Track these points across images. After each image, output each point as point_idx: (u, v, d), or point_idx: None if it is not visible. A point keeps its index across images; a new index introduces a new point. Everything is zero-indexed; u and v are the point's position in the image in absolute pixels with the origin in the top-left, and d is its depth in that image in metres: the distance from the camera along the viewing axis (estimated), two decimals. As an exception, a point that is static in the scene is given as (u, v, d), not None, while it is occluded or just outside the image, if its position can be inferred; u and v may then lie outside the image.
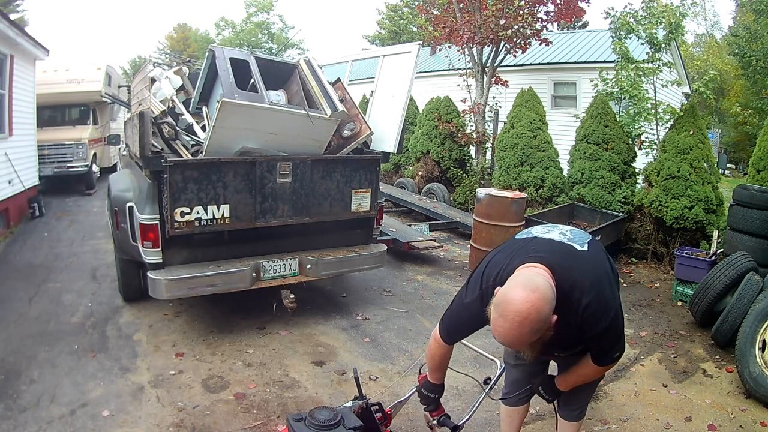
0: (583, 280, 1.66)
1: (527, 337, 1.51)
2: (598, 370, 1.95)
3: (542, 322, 1.50)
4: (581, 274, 1.68)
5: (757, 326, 3.45)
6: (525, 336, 1.51)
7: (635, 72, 7.35)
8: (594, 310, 1.66)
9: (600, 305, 1.67)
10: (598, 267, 1.76)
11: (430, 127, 9.73)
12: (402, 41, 25.83)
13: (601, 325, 1.69)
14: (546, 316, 1.51)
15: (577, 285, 1.65)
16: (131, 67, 32.80)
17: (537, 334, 1.53)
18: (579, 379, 2.03)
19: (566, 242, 1.78)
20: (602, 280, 1.73)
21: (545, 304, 1.50)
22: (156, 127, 3.90)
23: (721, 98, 21.83)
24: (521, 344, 1.57)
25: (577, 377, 2.02)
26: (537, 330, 1.51)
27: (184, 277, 3.58)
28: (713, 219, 5.86)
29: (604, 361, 1.88)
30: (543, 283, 1.55)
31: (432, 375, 2.18)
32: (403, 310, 4.68)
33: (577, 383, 2.05)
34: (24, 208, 7.78)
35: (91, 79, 9.98)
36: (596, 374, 2.01)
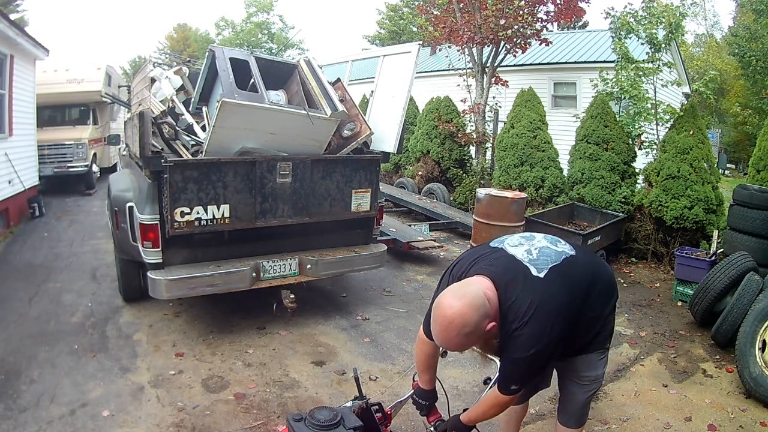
0: (520, 306, 1.68)
1: (456, 340, 1.62)
2: (497, 399, 1.85)
3: (469, 327, 1.59)
4: (521, 299, 1.69)
5: (757, 326, 3.45)
6: (453, 339, 1.62)
7: (635, 72, 7.35)
8: (519, 335, 1.68)
9: (528, 335, 1.67)
10: (546, 297, 1.70)
11: (430, 127, 9.73)
12: (402, 41, 25.83)
13: (516, 354, 1.70)
14: (473, 323, 1.60)
15: (512, 308, 1.69)
16: (131, 67, 32.79)
17: (469, 338, 1.63)
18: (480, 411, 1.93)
19: (525, 263, 1.78)
20: (546, 314, 1.67)
21: (471, 311, 1.59)
22: (156, 127, 3.90)
23: (721, 98, 21.82)
24: (452, 346, 1.67)
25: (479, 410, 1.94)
26: (466, 334, 1.60)
27: (184, 277, 3.58)
28: (713, 219, 5.86)
29: (501, 385, 1.82)
30: (473, 293, 1.64)
31: (422, 378, 2.19)
32: (403, 310, 4.68)
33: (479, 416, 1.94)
34: (24, 208, 7.78)
35: (91, 79, 9.98)
36: (496, 404, 1.88)
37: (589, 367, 2.06)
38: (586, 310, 1.86)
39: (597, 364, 2.06)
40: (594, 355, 2.04)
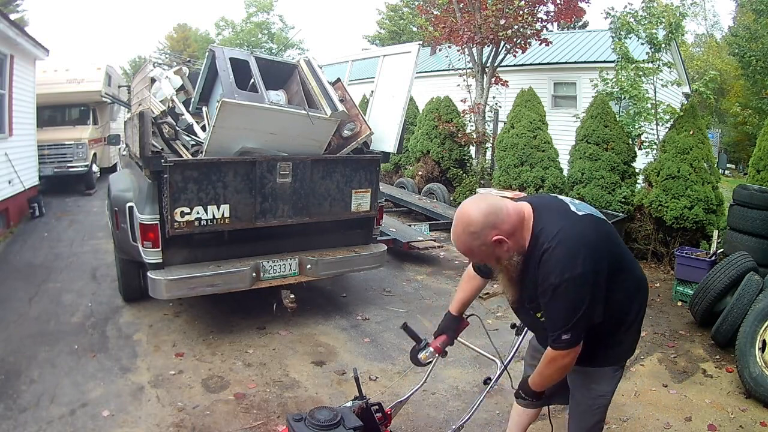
0: (552, 228, 1.69)
1: (462, 238, 1.69)
2: (550, 356, 1.78)
3: (473, 228, 1.65)
4: (555, 223, 1.70)
5: (757, 326, 3.45)
6: (459, 235, 1.70)
7: (635, 72, 7.35)
8: (549, 257, 1.65)
9: (558, 257, 1.64)
10: (579, 230, 1.71)
11: (430, 127, 9.73)
12: (402, 41, 25.82)
13: (550, 279, 1.65)
14: (478, 224, 1.65)
15: (546, 230, 1.70)
16: (131, 67, 32.79)
17: (474, 240, 1.67)
18: (539, 374, 1.88)
19: (566, 202, 1.83)
20: (575, 241, 1.66)
21: (478, 214, 1.66)
22: (156, 127, 3.90)
23: (721, 98, 21.82)
24: (459, 244, 1.72)
25: (538, 372, 1.89)
26: (470, 233, 1.66)
27: (184, 277, 3.58)
28: (713, 219, 5.86)
29: (551, 337, 1.74)
30: (492, 202, 1.70)
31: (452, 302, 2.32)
32: (403, 310, 4.68)
33: (541, 380, 1.89)
34: (24, 208, 7.78)
35: (91, 79, 9.98)
36: (551, 362, 1.79)
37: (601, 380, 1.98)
38: (615, 285, 1.76)
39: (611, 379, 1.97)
40: (609, 369, 1.95)
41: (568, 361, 1.76)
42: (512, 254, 1.72)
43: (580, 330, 1.70)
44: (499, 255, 1.72)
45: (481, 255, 1.74)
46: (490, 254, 1.72)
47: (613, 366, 1.97)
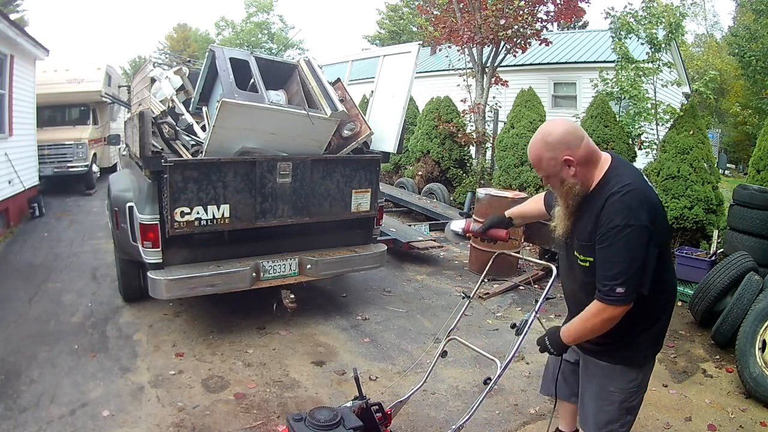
0: (625, 179, 1.76)
1: (538, 144, 1.81)
2: (597, 309, 1.75)
3: (551, 137, 1.78)
4: (629, 176, 1.78)
5: (757, 326, 3.45)
6: (537, 143, 1.82)
7: (635, 72, 7.36)
8: (617, 201, 1.71)
9: (626, 203, 1.69)
10: (650, 193, 1.78)
11: (430, 127, 9.73)
12: (402, 41, 25.83)
13: (615, 221, 1.69)
14: (555, 137, 1.78)
15: (619, 177, 1.77)
16: (131, 67, 32.80)
17: (547, 151, 1.79)
18: (580, 325, 1.83)
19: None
20: (645, 197, 1.72)
21: (559, 129, 1.79)
22: (156, 127, 3.90)
23: (721, 98, 21.82)
24: (533, 150, 1.84)
25: (578, 323, 1.84)
26: (546, 143, 1.79)
27: (184, 277, 3.58)
28: (713, 219, 5.86)
29: (603, 289, 1.72)
30: (579, 128, 1.84)
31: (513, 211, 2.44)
32: (403, 310, 4.68)
33: (578, 332, 1.84)
34: (24, 208, 7.78)
35: (91, 79, 9.98)
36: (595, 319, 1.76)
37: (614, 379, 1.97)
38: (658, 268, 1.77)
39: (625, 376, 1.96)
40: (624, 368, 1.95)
41: (615, 316, 1.74)
42: (576, 182, 1.79)
43: (634, 286, 1.70)
44: (564, 177, 1.80)
45: (547, 168, 1.82)
46: (556, 171, 1.81)
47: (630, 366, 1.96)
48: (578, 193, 1.81)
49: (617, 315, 1.74)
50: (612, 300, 1.71)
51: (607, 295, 1.71)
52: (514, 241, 5.63)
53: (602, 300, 1.73)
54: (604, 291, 1.72)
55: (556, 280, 2.35)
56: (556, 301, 5.00)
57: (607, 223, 1.70)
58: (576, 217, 1.84)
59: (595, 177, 1.82)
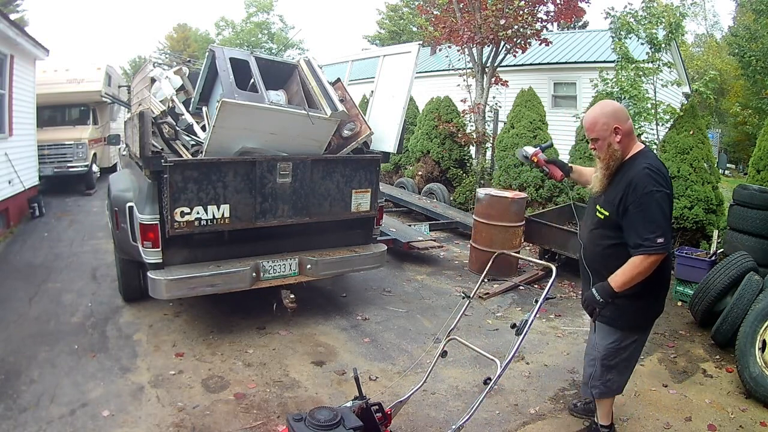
0: (652, 161, 2.29)
1: (597, 112, 2.36)
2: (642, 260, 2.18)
3: (608, 108, 2.35)
4: (655, 159, 2.33)
5: (757, 326, 3.45)
6: (596, 110, 2.38)
7: (635, 72, 7.35)
8: (649, 173, 2.21)
9: (656, 176, 2.21)
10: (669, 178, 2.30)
11: (430, 127, 9.73)
12: (402, 41, 25.83)
13: (649, 188, 2.18)
14: (609, 112, 2.33)
15: (649, 158, 2.32)
16: (131, 67, 32.80)
17: (603, 119, 2.31)
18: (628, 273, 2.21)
19: None
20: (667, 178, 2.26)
21: (615, 105, 2.40)
22: (156, 127, 3.90)
23: (721, 98, 21.82)
24: (592, 116, 2.35)
25: (626, 271, 2.22)
26: (604, 113, 2.33)
27: (184, 277, 3.58)
28: (713, 219, 5.86)
29: (644, 243, 2.16)
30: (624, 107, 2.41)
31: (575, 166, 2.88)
32: (403, 310, 4.68)
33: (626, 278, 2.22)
34: (24, 208, 7.78)
35: (91, 79, 9.98)
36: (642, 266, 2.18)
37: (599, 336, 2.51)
38: None
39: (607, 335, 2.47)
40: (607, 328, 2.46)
41: (656, 261, 2.18)
42: (618, 149, 2.31)
43: (668, 238, 2.18)
44: (611, 141, 2.32)
45: (600, 131, 2.33)
46: (605, 136, 2.32)
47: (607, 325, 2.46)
48: (618, 158, 2.32)
49: (657, 261, 2.19)
50: (654, 249, 2.16)
51: (650, 247, 2.16)
52: (514, 240, 5.64)
53: (645, 252, 2.17)
54: (647, 244, 2.17)
55: (556, 280, 2.54)
56: (556, 301, 5.00)
57: (642, 189, 2.19)
58: (609, 181, 2.35)
59: (631, 150, 2.34)
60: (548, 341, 4.12)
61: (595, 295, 2.30)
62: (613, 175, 2.34)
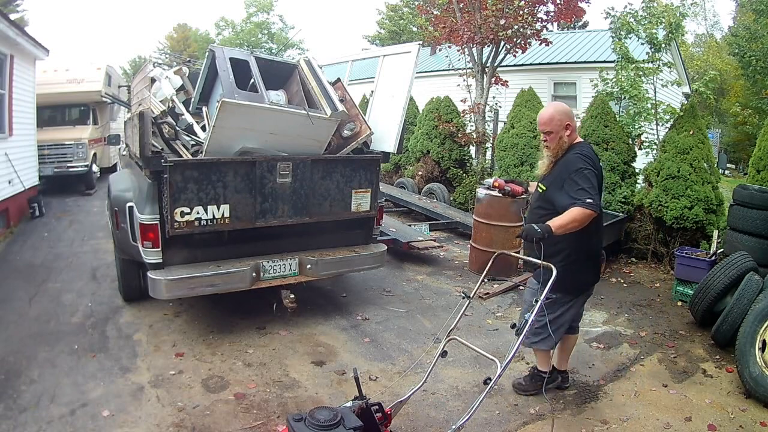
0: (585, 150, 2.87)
1: (553, 110, 2.89)
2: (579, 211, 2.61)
3: (559, 113, 2.87)
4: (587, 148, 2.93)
5: (757, 326, 3.45)
6: (553, 108, 2.92)
7: (635, 72, 7.34)
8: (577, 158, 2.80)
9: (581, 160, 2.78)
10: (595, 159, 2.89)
11: (430, 127, 9.73)
12: (402, 41, 25.83)
13: (578, 165, 2.75)
14: (563, 111, 2.88)
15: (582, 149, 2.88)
16: (131, 67, 32.80)
17: (558, 116, 2.85)
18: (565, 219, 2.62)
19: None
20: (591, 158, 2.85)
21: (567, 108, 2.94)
22: (156, 127, 3.90)
23: (721, 98, 21.83)
24: (549, 113, 2.87)
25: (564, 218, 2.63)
26: (558, 111, 2.88)
27: (184, 277, 3.58)
28: (713, 219, 5.86)
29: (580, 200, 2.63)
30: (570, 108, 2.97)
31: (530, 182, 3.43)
32: (403, 310, 4.68)
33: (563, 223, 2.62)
34: (24, 208, 7.78)
35: (91, 79, 9.98)
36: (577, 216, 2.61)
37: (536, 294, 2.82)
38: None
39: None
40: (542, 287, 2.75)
41: (589, 215, 2.63)
42: (566, 141, 2.87)
43: (596, 199, 2.68)
44: (562, 135, 2.86)
45: (554, 126, 2.85)
46: (558, 130, 2.85)
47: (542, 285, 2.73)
48: (564, 149, 2.88)
49: (590, 216, 2.63)
50: (587, 204, 2.63)
51: (583, 204, 2.63)
52: (514, 240, 5.63)
53: (580, 205, 2.63)
54: (581, 200, 2.64)
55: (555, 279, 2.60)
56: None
57: (573, 167, 2.76)
58: (553, 164, 2.91)
59: (574, 141, 2.91)
60: (548, 341, 4.12)
61: (535, 227, 2.63)
62: (557, 160, 2.89)
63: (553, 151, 2.89)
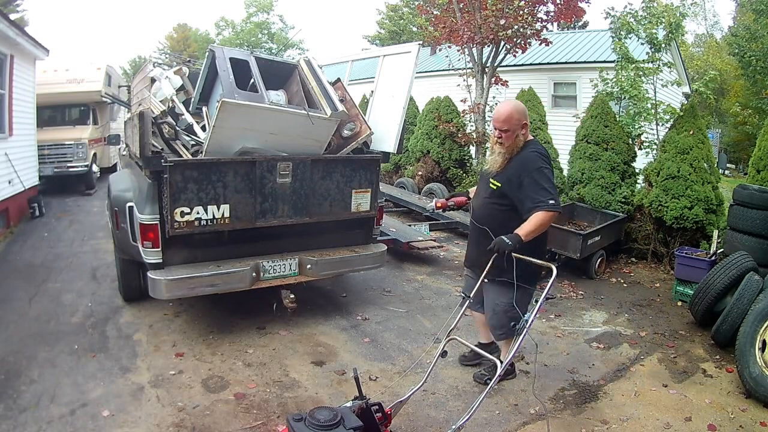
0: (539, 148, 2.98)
1: (512, 109, 2.91)
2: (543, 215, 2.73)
3: (519, 107, 2.95)
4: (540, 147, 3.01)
5: (757, 326, 3.45)
6: (511, 107, 2.94)
7: (635, 72, 7.35)
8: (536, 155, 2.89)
9: (539, 158, 2.87)
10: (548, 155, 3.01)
11: (430, 127, 9.73)
12: (402, 41, 25.83)
13: (538, 164, 2.84)
14: (521, 110, 2.94)
15: (536, 144, 3.01)
16: (131, 67, 32.80)
17: (514, 115, 2.88)
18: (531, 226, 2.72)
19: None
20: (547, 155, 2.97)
21: (522, 107, 2.99)
22: (156, 127, 3.90)
23: (721, 98, 21.83)
24: (508, 112, 2.89)
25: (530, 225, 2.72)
26: (516, 110, 2.91)
27: (184, 277, 3.58)
28: (713, 219, 5.86)
29: (542, 203, 2.74)
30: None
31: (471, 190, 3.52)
32: (403, 310, 4.68)
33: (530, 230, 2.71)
34: (24, 208, 7.78)
35: (91, 79, 9.98)
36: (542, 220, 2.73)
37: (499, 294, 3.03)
38: None
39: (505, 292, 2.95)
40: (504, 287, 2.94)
41: (552, 216, 2.77)
42: (522, 140, 2.94)
43: (557, 200, 2.80)
44: (518, 133, 2.92)
45: (512, 124, 2.88)
46: (515, 128, 2.89)
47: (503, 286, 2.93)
48: (519, 147, 2.94)
49: (553, 217, 2.77)
50: (549, 207, 2.74)
51: (545, 206, 2.74)
52: None
53: (543, 208, 2.74)
54: (544, 201, 2.75)
55: (555, 280, 2.65)
56: (556, 301, 5.00)
57: (533, 166, 2.84)
58: (508, 161, 2.95)
59: (526, 140, 2.99)
60: (548, 341, 4.13)
61: (506, 240, 2.69)
62: (512, 158, 2.94)
63: (508, 148, 2.94)
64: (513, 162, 2.92)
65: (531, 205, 2.77)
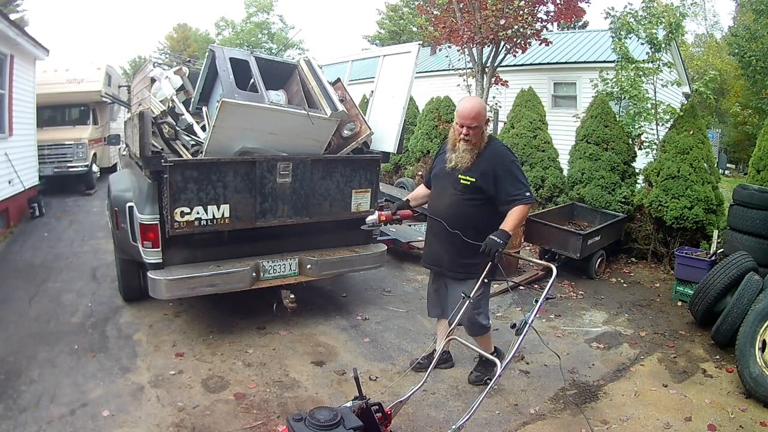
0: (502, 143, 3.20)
1: (478, 105, 2.97)
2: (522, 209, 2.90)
3: (483, 107, 2.99)
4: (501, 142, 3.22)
5: (757, 326, 3.45)
6: (477, 103, 3.01)
7: (635, 72, 7.34)
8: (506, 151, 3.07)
9: (510, 152, 3.07)
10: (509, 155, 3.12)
11: (430, 127, 9.73)
12: (402, 41, 25.82)
13: (510, 158, 3.01)
14: (484, 105, 3.02)
15: (499, 142, 3.17)
16: (131, 67, 32.79)
17: (483, 111, 2.94)
18: (514, 220, 2.85)
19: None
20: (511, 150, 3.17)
21: (484, 103, 3.18)
22: (156, 127, 3.90)
23: (721, 98, 21.83)
24: (474, 108, 2.92)
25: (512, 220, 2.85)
26: (483, 107, 2.98)
27: (184, 277, 3.58)
28: (713, 219, 5.86)
29: (520, 196, 2.89)
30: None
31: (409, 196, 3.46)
32: (403, 310, 4.68)
33: (514, 224, 2.85)
34: (24, 208, 7.78)
35: (91, 79, 9.98)
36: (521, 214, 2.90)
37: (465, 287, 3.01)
38: None
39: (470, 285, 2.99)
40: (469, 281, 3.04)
41: (527, 213, 3.06)
42: (486, 135, 3.04)
43: (531, 192, 2.98)
44: (483, 129, 2.99)
45: (478, 118, 2.91)
46: (481, 124, 2.94)
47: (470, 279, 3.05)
48: (485, 141, 3.01)
49: (529, 208, 2.98)
50: (526, 199, 2.91)
51: (523, 199, 2.90)
52: (514, 240, 5.63)
53: (522, 202, 2.90)
54: (520, 197, 2.90)
55: (555, 280, 2.71)
56: (555, 301, 5.00)
57: (507, 159, 2.99)
58: (476, 157, 2.98)
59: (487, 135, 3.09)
60: (548, 341, 4.13)
61: (495, 239, 2.75)
62: (480, 153, 2.99)
63: (476, 145, 2.98)
64: (483, 156, 2.98)
65: (510, 199, 2.90)
